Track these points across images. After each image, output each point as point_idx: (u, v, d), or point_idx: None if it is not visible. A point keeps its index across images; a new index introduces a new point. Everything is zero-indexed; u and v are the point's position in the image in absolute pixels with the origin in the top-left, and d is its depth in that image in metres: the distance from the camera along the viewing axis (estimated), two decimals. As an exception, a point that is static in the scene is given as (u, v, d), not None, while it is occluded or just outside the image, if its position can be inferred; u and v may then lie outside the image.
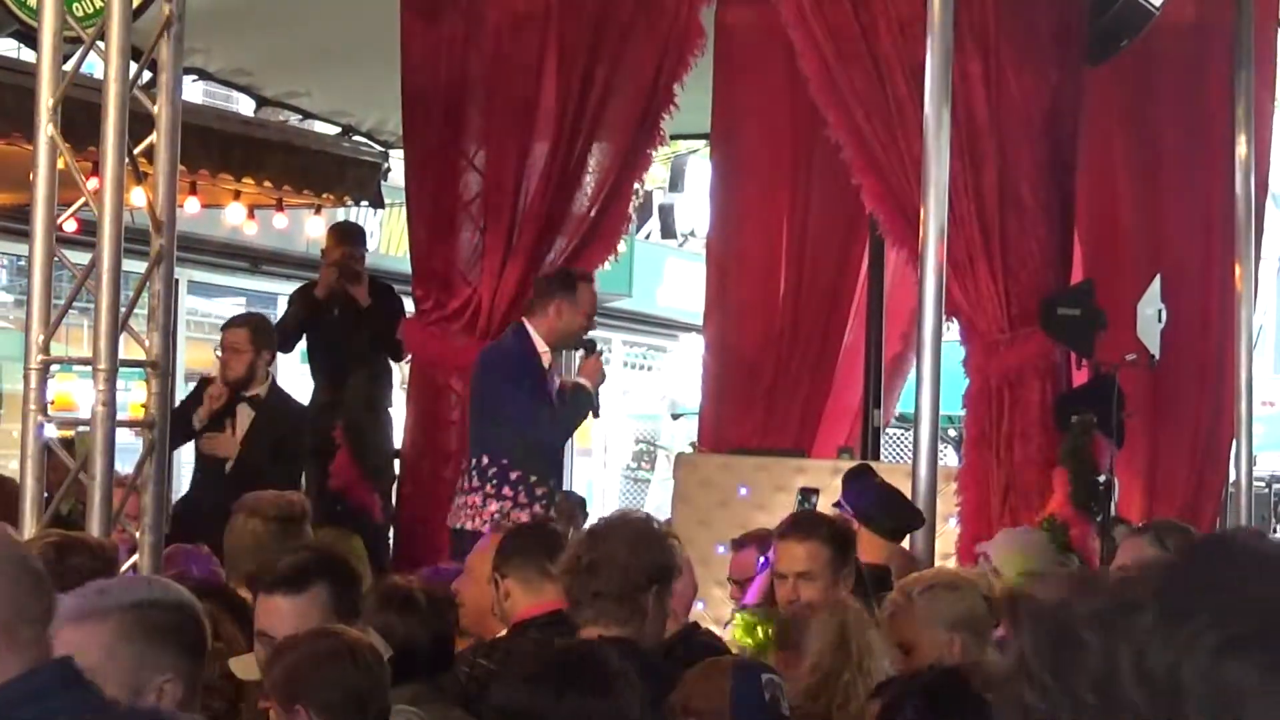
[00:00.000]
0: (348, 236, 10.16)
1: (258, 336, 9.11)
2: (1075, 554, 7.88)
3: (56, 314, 5.99)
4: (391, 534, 9.64)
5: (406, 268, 10.16)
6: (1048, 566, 7.06)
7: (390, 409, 10.03)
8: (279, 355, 9.67)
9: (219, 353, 9.14)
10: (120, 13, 5.75)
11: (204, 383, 9.21)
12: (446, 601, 4.86)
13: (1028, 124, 8.92)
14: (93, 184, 5.89)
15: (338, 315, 9.78)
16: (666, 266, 21.80)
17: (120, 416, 5.92)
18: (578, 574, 4.63)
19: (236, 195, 11.33)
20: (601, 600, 4.59)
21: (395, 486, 9.77)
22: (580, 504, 10.38)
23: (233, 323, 9.45)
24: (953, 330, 8.97)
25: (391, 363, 10.23)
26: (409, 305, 10.00)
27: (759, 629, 5.64)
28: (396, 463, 9.85)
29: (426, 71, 9.87)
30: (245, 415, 9.12)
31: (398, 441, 9.89)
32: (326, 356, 9.95)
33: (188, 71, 9.86)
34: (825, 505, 7.16)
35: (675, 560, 4.82)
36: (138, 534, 5.80)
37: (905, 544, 7.48)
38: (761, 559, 6.73)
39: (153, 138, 5.99)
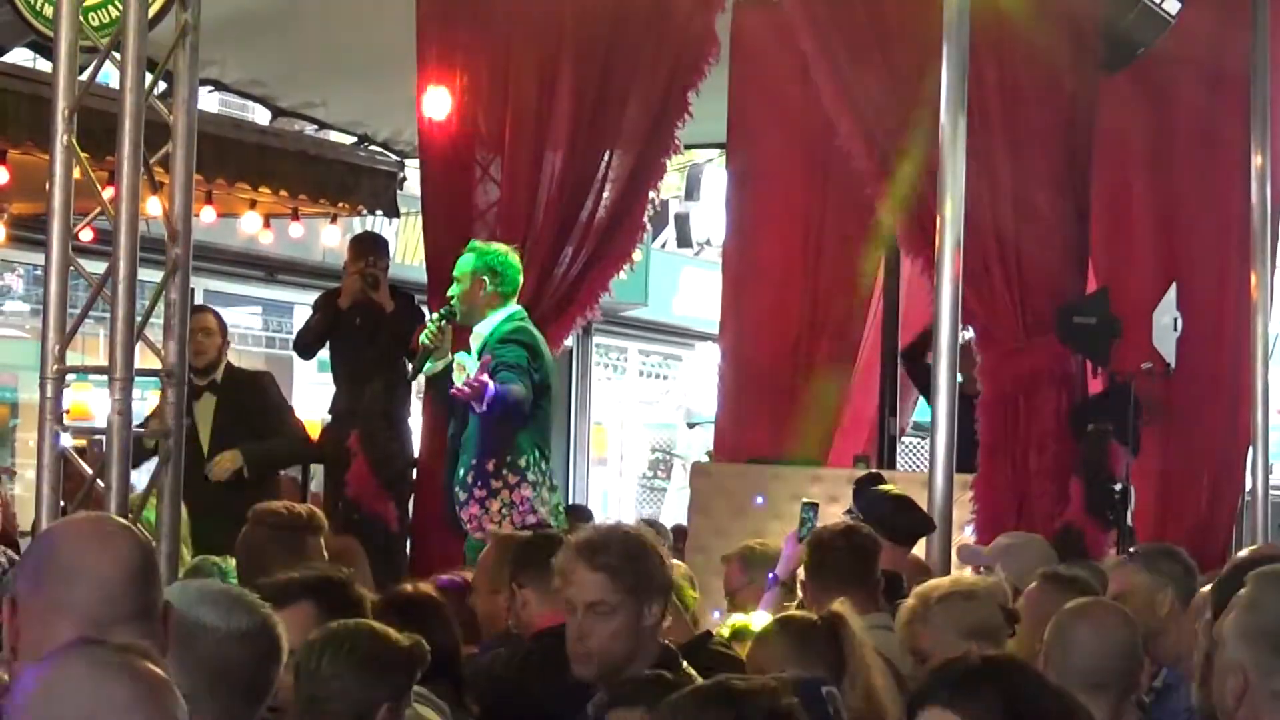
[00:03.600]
0: (369, 246, 10.16)
1: (222, 324, 9.41)
2: (1091, 562, 7.85)
3: (72, 323, 5.99)
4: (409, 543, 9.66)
5: (423, 277, 10.17)
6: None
7: (408, 419, 10.03)
8: (300, 362, 9.70)
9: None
10: (136, 23, 5.76)
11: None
12: (450, 609, 4.86)
13: (1043, 132, 8.91)
14: (108, 193, 5.89)
15: (359, 324, 9.78)
16: (682, 275, 21.78)
17: (136, 425, 5.92)
18: None
19: (252, 204, 11.34)
20: None
21: (412, 496, 9.79)
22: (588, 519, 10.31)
23: (200, 309, 9.53)
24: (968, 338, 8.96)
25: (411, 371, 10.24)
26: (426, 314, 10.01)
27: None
28: (414, 472, 9.85)
29: (442, 81, 9.88)
30: (207, 403, 9.13)
31: (415, 450, 9.90)
32: (347, 365, 9.95)
33: (203, 83, 9.87)
34: (835, 515, 7.14)
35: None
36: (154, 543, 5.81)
37: (921, 552, 7.49)
38: (771, 575, 6.71)
39: (168, 147, 5.99)
